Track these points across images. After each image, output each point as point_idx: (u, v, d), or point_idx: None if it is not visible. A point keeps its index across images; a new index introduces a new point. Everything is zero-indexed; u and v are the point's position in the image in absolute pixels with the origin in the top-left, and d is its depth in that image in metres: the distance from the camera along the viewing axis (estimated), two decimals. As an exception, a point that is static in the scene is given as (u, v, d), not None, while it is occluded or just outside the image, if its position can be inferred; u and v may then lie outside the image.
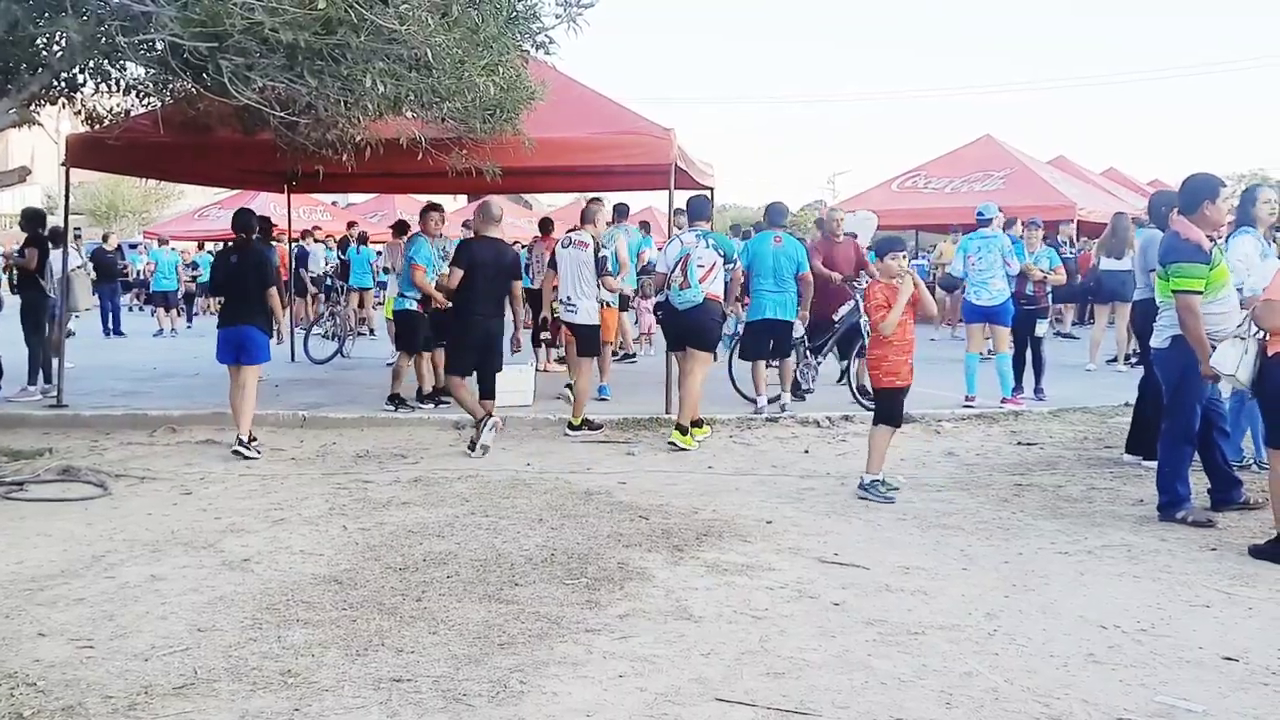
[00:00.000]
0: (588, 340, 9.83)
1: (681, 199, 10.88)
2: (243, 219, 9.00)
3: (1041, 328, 11.21)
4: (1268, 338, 5.84)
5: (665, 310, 9.80)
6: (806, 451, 8.76)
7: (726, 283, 9.44)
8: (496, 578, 5.45)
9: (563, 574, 5.51)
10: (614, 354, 13.94)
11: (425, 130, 8.88)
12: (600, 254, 9.87)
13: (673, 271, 9.11)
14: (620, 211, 13.12)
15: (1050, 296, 11.50)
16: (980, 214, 11.51)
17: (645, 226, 17.02)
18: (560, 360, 12.06)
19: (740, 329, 11.14)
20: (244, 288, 8.75)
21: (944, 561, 5.80)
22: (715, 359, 9.64)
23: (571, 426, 9.57)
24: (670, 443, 8.90)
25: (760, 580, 5.46)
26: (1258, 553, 5.86)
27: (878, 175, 32.07)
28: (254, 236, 9.14)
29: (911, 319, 7.26)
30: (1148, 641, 4.65)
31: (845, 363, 11.16)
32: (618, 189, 15.10)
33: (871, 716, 3.90)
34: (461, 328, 8.87)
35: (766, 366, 10.28)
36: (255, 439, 8.75)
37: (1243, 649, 4.55)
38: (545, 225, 14.96)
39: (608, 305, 10.49)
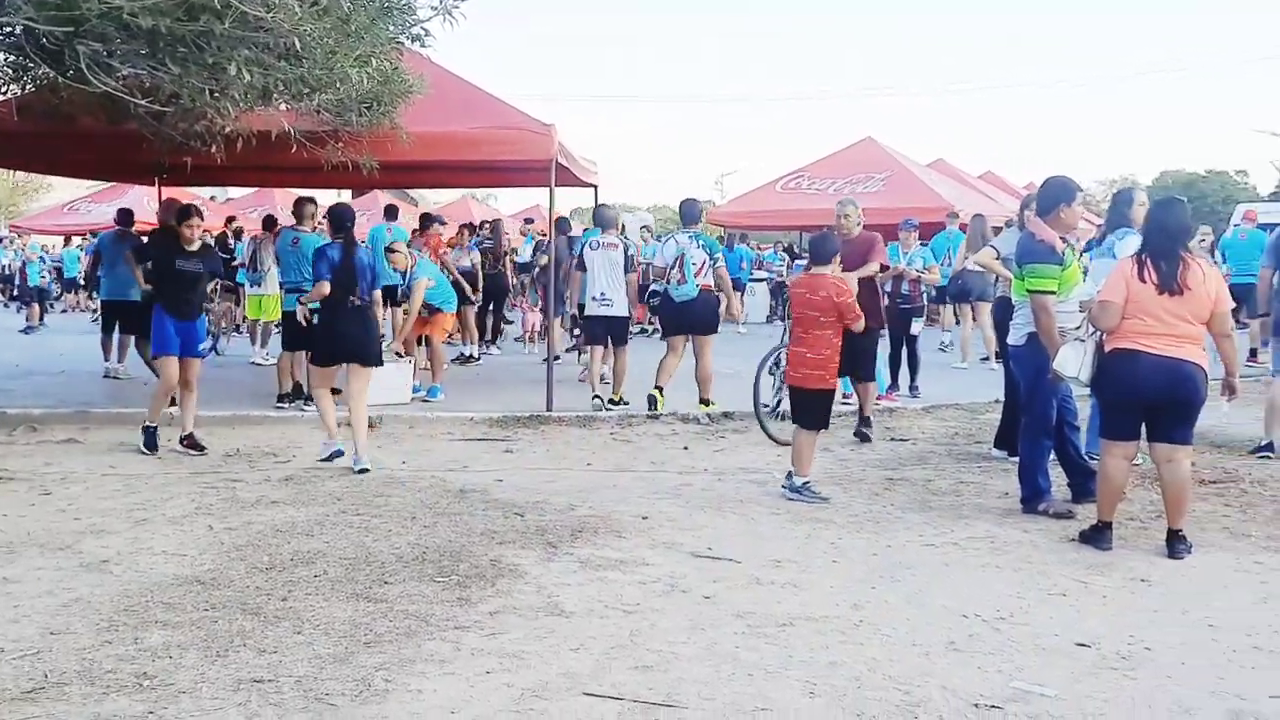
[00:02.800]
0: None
1: (564, 196, 10.92)
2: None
3: (916, 326, 11.45)
4: (1104, 337, 6.05)
5: (664, 303, 10.69)
6: (686, 448, 8.82)
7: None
8: (365, 576, 5.37)
9: (434, 572, 5.45)
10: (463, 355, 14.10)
11: (299, 122, 8.71)
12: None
13: (671, 269, 10.26)
14: (390, 212, 15.26)
15: (925, 296, 11.76)
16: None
17: (530, 222, 17.04)
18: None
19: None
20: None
21: (814, 555, 5.88)
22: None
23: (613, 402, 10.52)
24: (702, 415, 10.11)
25: (633, 575, 5.48)
26: (1082, 538, 6.12)
27: (764, 175, 32.46)
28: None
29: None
30: (1006, 629, 4.78)
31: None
32: (499, 185, 15.12)
33: (736, 707, 3.93)
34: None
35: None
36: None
37: (1095, 635, 4.70)
38: (425, 221, 14.81)
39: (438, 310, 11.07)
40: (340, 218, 8.35)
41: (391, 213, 15.41)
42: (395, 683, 4.10)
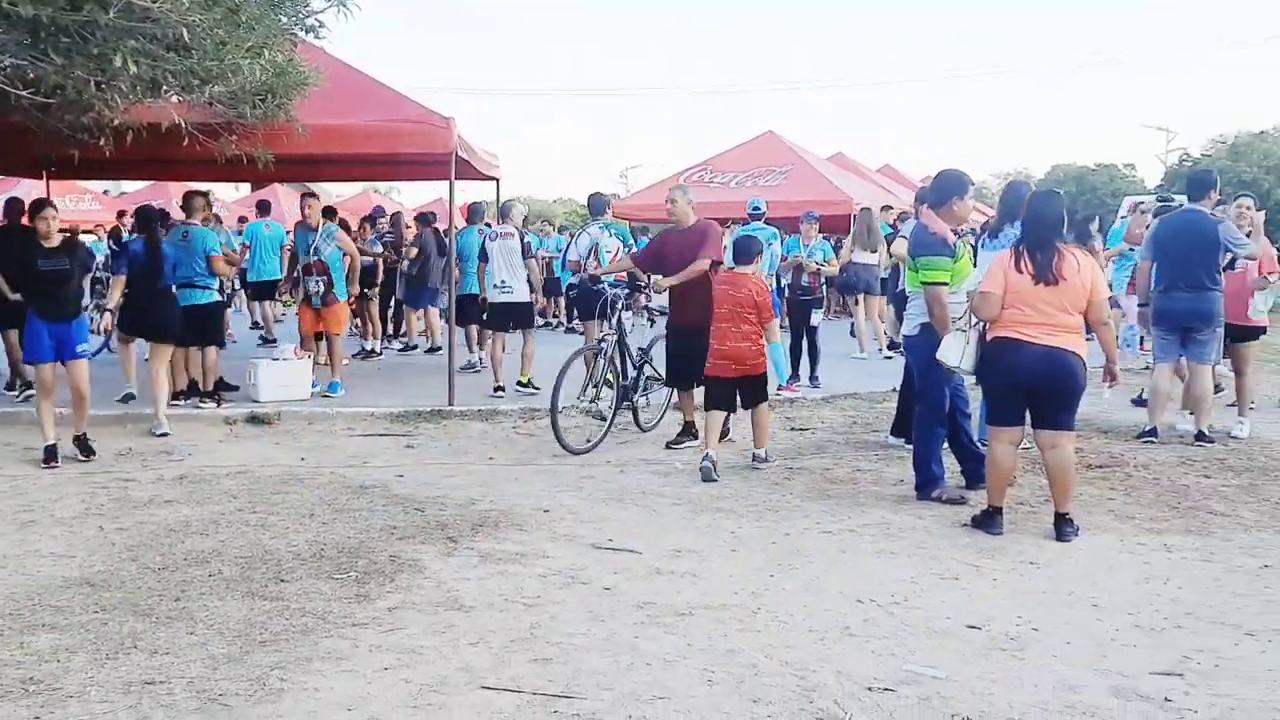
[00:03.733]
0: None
1: (464, 189, 10.89)
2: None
3: (816, 317, 11.61)
4: (986, 327, 6.21)
5: (582, 291, 11.34)
6: (589, 440, 8.82)
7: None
8: (261, 575, 5.30)
9: (331, 569, 5.40)
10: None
11: (191, 115, 8.51)
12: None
13: (586, 260, 11.00)
14: (263, 208, 16.04)
15: (825, 287, 11.91)
16: (755, 209, 11.85)
17: (426, 219, 16.86)
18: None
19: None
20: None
21: (714, 544, 5.94)
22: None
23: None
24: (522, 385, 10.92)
25: (534, 568, 5.48)
26: (974, 523, 6.28)
27: (668, 169, 32.62)
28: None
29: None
30: (900, 613, 4.88)
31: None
32: (401, 178, 14.97)
33: (635, 696, 3.96)
34: None
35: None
36: None
37: (986, 617, 4.83)
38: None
39: (338, 299, 11.13)
40: (146, 218, 9.69)
41: (265, 208, 15.62)
42: (291, 681, 4.06)
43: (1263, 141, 56.91)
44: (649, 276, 8.97)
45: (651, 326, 9.27)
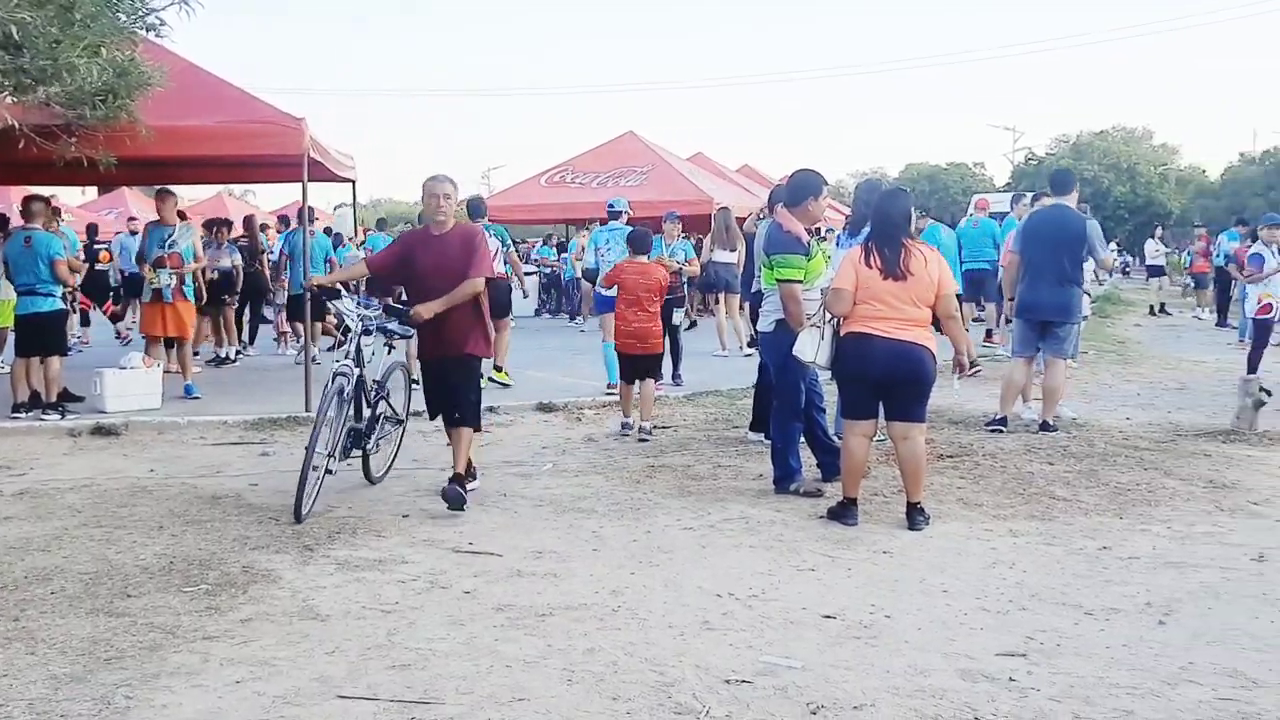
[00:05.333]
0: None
1: (317, 191, 10.73)
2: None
3: (678, 316, 11.69)
4: (840, 322, 6.36)
5: None
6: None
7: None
8: (107, 590, 5.12)
9: (181, 582, 5.24)
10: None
11: (26, 116, 8.17)
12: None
13: None
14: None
15: (686, 287, 12.02)
16: (611, 207, 11.90)
17: (285, 221, 16.58)
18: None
19: None
20: None
21: (576, 544, 5.94)
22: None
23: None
24: (496, 380, 11.14)
25: (392, 574, 5.41)
26: (830, 514, 6.41)
27: (530, 169, 32.46)
28: None
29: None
30: (758, 606, 4.95)
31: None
32: (253, 180, 14.67)
33: (494, 700, 3.94)
34: None
35: None
36: None
37: (840, 607, 4.93)
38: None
39: (186, 298, 10.89)
40: None
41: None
42: (138, 699, 3.93)
43: (1103, 141, 59.44)
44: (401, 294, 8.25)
45: (390, 352, 7.42)
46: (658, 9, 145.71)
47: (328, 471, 6.59)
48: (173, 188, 11.87)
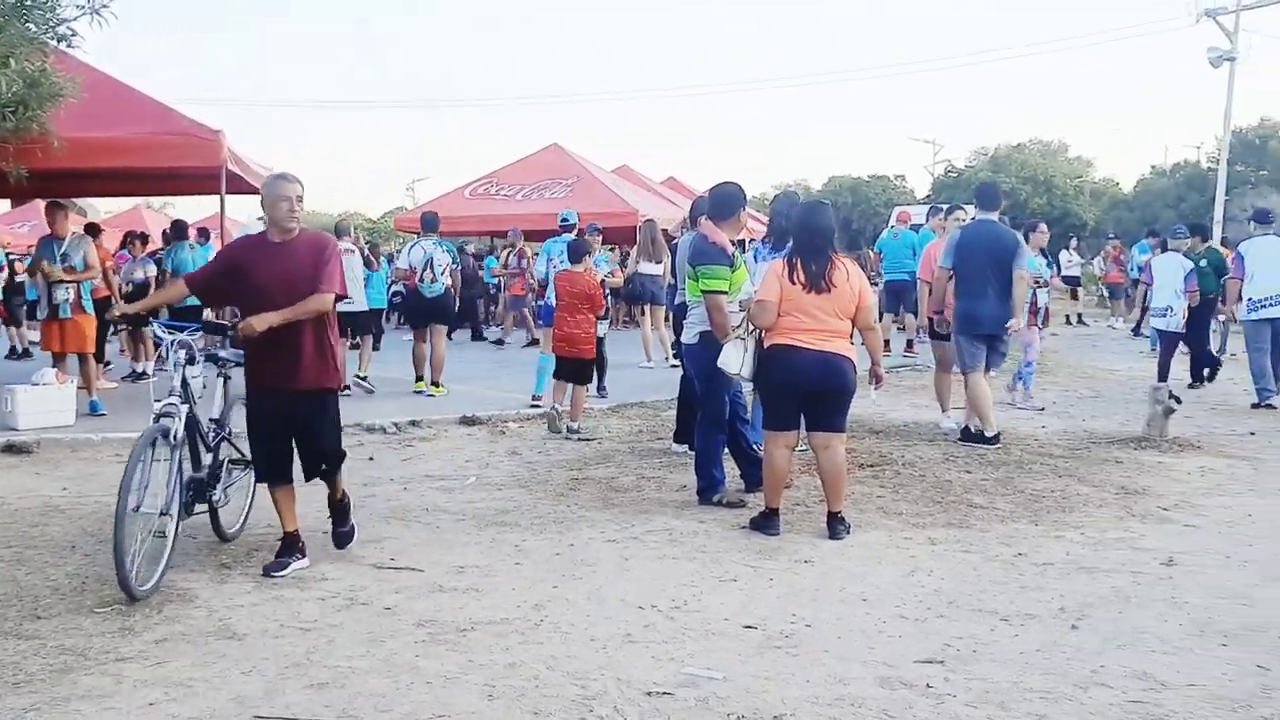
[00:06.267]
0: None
1: (235, 203, 10.58)
2: None
3: (602, 329, 11.68)
4: (763, 334, 6.42)
5: (412, 298, 12.35)
6: (371, 459, 8.65)
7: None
8: (16, 613, 4.99)
9: (94, 602, 5.13)
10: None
11: (-65, 127, 8.00)
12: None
13: (422, 271, 11.78)
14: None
15: (609, 299, 12.04)
16: (565, 221, 11.88)
17: (205, 234, 16.34)
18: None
19: None
20: None
21: (498, 558, 5.92)
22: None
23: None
24: (423, 393, 11.79)
25: (311, 591, 5.34)
26: (753, 524, 6.45)
27: (454, 181, 32.09)
28: None
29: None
30: (680, 617, 4.97)
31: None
32: (171, 193, 14.41)
33: (414, 716, 3.91)
34: None
35: None
36: None
37: (762, 617, 4.96)
38: (91, 230, 13.90)
39: (85, 311, 10.55)
40: None
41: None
42: (46, 724, 3.84)
43: (1020, 154, 60.58)
44: (229, 313, 7.81)
45: (226, 383, 6.19)
46: (584, 21, 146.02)
47: (162, 534, 5.41)
48: (80, 200, 11.67)
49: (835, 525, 6.31)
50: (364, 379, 12.09)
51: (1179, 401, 9.41)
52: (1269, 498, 7.35)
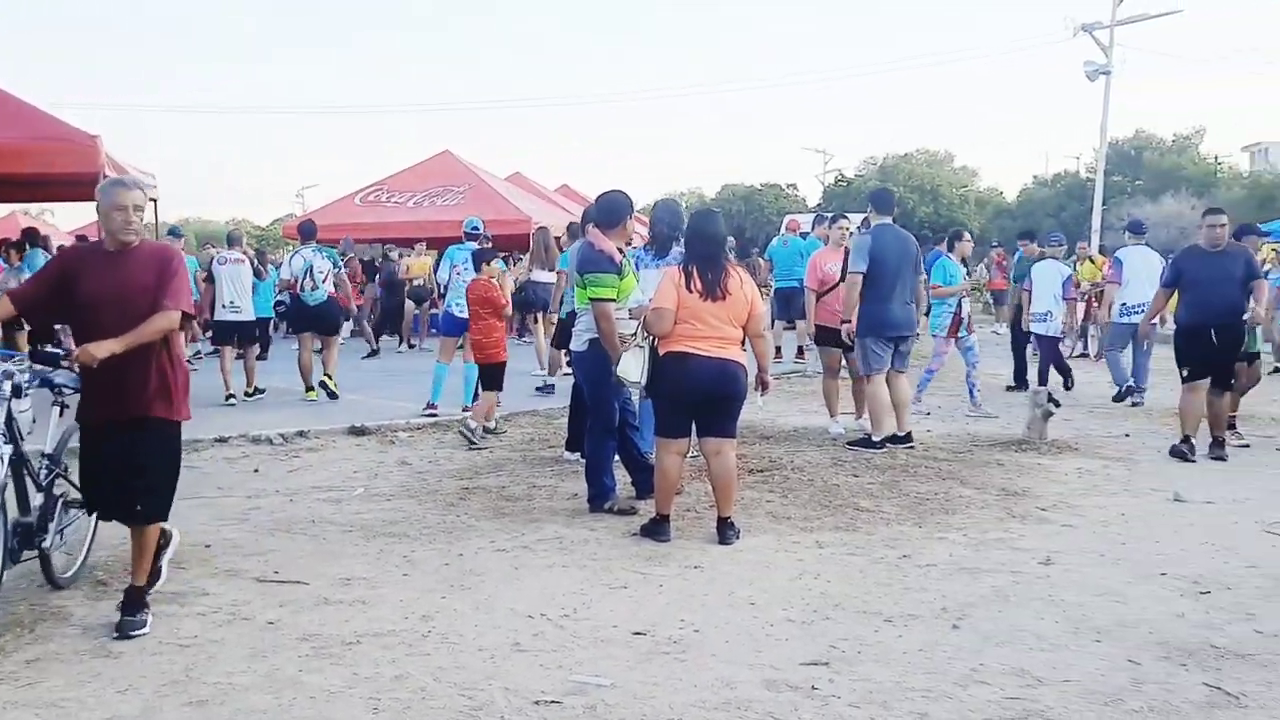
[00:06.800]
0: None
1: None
2: None
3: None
4: (658, 342, 6.45)
5: (296, 306, 12.34)
6: (256, 471, 8.48)
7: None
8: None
9: (-44, 629, 4.94)
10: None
11: None
12: None
13: (303, 279, 11.85)
14: None
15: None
16: (475, 228, 11.77)
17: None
18: None
19: None
20: None
21: (386, 570, 5.84)
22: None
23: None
24: (315, 400, 11.87)
25: (192, 607, 5.22)
26: (643, 531, 6.48)
27: (344, 188, 31.62)
28: None
29: None
30: (569, 625, 4.96)
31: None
32: (48, 199, 14.02)
33: (296, 732, 3.84)
34: None
35: None
36: None
37: (651, 623, 4.98)
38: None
39: None
40: None
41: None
42: (-94, 752, 3.69)
43: (907, 163, 61.95)
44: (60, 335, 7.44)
45: (61, 413, 5.56)
46: (476, 28, 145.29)
47: None
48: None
49: (725, 530, 6.36)
50: (252, 393, 12.07)
51: (1058, 405, 9.68)
52: (1142, 497, 7.59)
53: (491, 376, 9.92)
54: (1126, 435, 10.06)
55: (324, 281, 11.99)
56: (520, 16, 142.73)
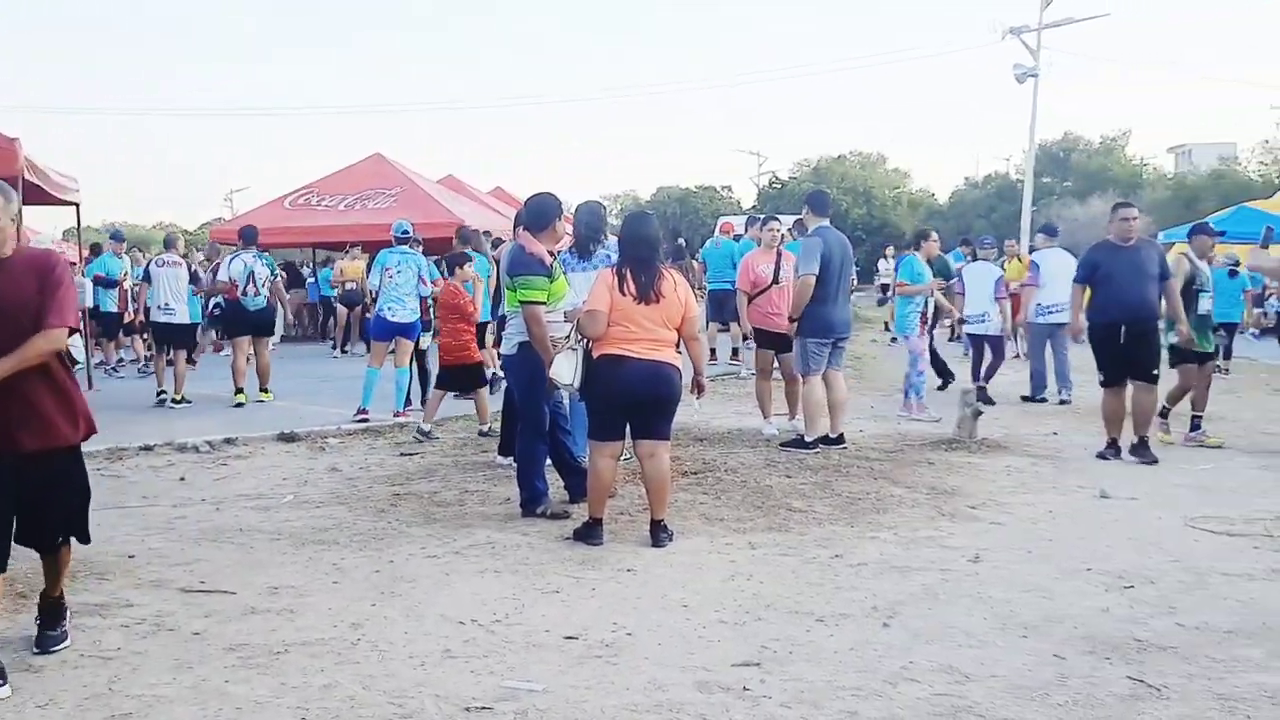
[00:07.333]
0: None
1: (37, 215, 10.10)
2: None
3: (426, 341, 11.55)
4: (591, 344, 6.43)
5: (234, 310, 12.52)
6: (183, 479, 8.34)
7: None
8: None
9: None
10: None
11: None
12: None
13: (244, 284, 12.12)
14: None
15: (432, 310, 11.87)
16: (406, 232, 11.65)
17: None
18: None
19: None
20: None
21: (315, 577, 5.76)
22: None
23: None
24: (244, 404, 11.98)
25: (115, 619, 5.11)
26: (576, 535, 6.46)
27: (274, 191, 31.14)
28: None
29: None
30: (501, 631, 4.92)
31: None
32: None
33: (221, 745, 3.78)
34: None
35: None
36: None
37: (583, 627, 4.96)
38: None
39: None
40: None
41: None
42: None
43: (841, 165, 62.46)
44: None
45: None
46: (476, 28, 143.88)
47: None
48: None
49: (658, 533, 6.35)
50: (179, 401, 12.11)
51: (989, 403, 9.81)
52: (1069, 494, 7.71)
53: (457, 379, 10.03)
54: (1054, 433, 10.22)
55: (264, 287, 12.27)
56: (520, 16, 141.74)
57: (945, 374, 13.51)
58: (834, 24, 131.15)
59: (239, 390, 12.13)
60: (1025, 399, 12.32)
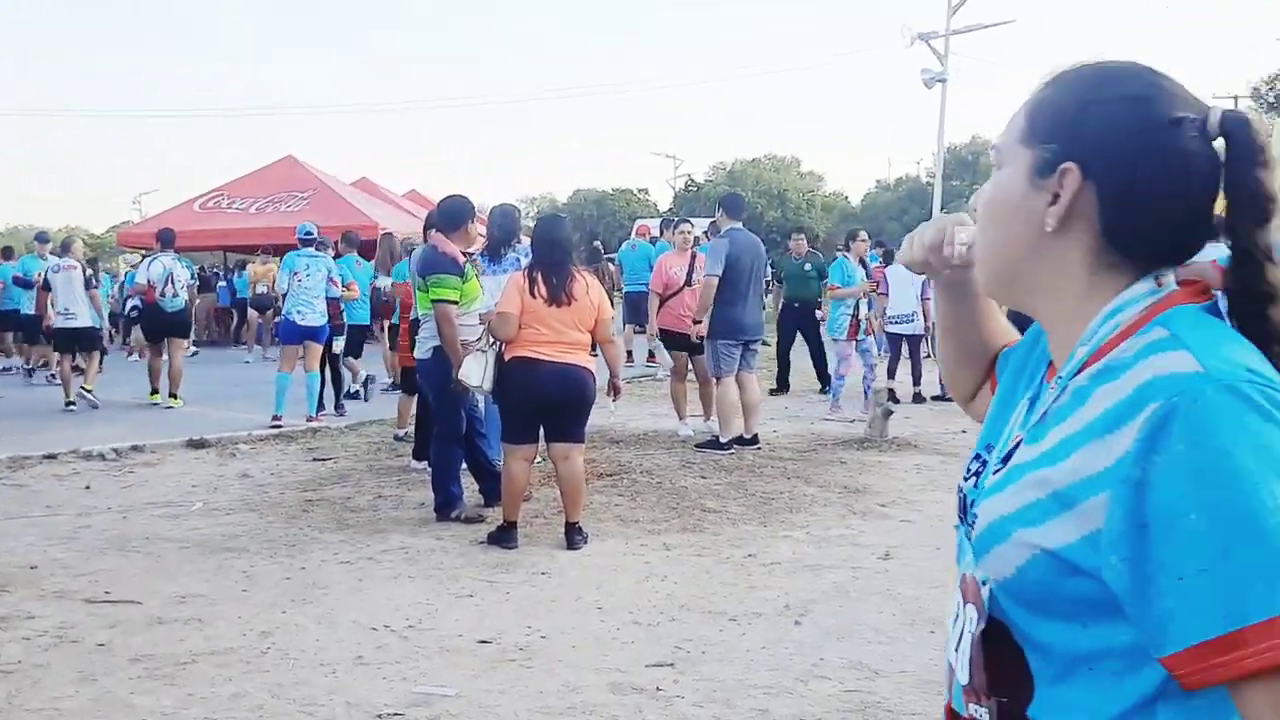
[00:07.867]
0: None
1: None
2: None
3: (338, 345, 11.43)
4: (504, 347, 6.43)
5: (153, 313, 12.51)
6: (88, 488, 8.14)
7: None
8: None
9: None
10: None
11: None
12: None
13: (163, 286, 12.06)
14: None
15: (345, 315, 11.75)
16: (307, 233, 11.50)
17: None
18: None
19: None
20: None
21: (224, 586, 5.67)
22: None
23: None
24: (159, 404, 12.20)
25: (16, 631, 4.98)
26: (491, 539, 6.44)
27: (183, 194, 30.45)
28: None
29: None
30: (414, 636, 4.90)
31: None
32: None
33: (125, 758, 3.71)
34: None
35: None
36: None
37: (497, 631, 4.95)
38: None
39: None
40: None
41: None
42: None
43: (755, 168, 62.97)
44: None
45: None
46: (476, 28, 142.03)
47: None
48: None
49: (573, 535, 6.36)
50: (89, 390, 12.22)
51: (898, 401, 9.97)
52: (976, 491, 7.84)
53: (413, 382, 9.90)
54: (963, 431, 10.39)
55: (182, 289, 12.37)
56: (520, 16, 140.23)
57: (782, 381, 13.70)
58: (750, 29, 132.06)
59: (154, 390, 12.33)
60: (936, 399, 12.55)
